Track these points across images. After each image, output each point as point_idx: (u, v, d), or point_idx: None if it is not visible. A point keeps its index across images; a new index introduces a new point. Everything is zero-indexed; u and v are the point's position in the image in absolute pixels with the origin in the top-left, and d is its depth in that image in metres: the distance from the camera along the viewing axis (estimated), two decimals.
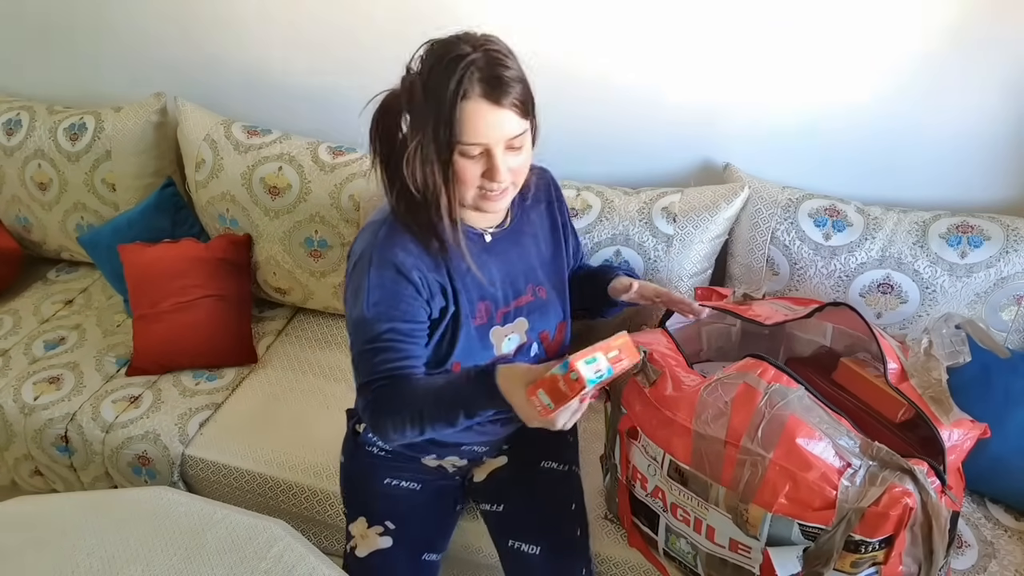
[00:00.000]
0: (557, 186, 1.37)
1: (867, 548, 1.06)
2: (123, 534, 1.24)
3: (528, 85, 1.08)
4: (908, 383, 1.17)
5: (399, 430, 1.15)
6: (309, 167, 1.83)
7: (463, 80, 1.02)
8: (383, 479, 1.38)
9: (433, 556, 1.36)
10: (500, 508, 1.40)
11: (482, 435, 1.36)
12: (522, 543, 1.33)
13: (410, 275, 1.14)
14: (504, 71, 1.04)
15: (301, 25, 1.87)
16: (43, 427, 1.72)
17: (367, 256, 1.15)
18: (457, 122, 1.03)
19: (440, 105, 1.03)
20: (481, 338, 1.24)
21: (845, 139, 1.66)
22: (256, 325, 1.97)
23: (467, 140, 1.05)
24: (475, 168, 1.08)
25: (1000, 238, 1.49)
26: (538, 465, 1.42)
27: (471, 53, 1.03)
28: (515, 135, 1.07)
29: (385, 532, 1.33)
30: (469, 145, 1.05)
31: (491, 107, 1.04)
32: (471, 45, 1.05)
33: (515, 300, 1.27)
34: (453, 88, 1.02)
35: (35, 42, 2.13)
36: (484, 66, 1.03)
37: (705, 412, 1.14)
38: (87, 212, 2.07)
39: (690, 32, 1.62)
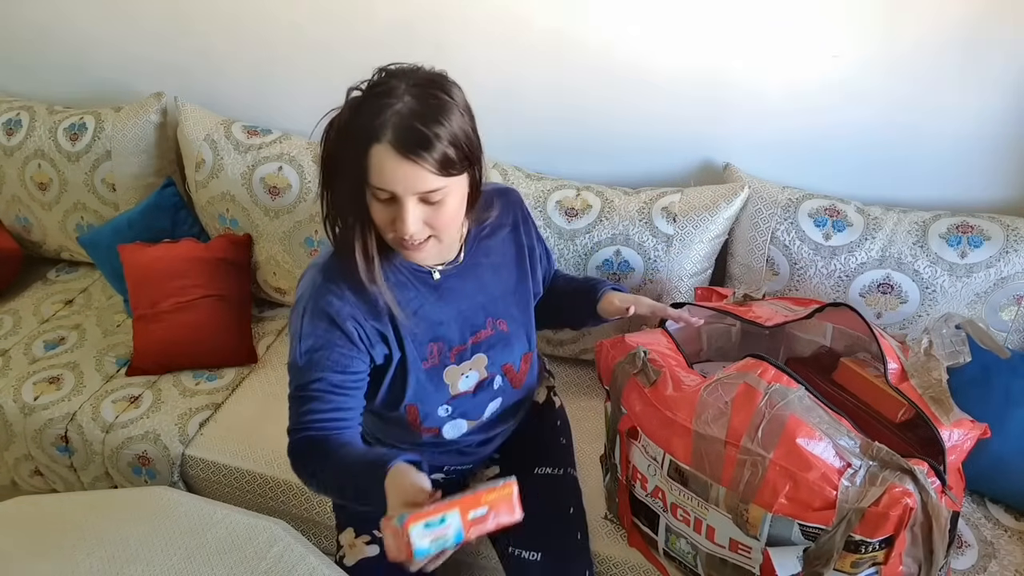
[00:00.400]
0: (523, 208, 1.30)
1: (867, 548, 1.06)
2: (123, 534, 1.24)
3: (459, 143, 1.00)
4: (908, 383, 1.17)
5: (310, 486, 1.16)
6: (309, 167, 1.83)
7: (381, 123, 0.96)
8: None
9: None
10: None
11: (465, 456, 1.36)
12: (522, 550, 1.32)
13: (344, 325, 1.10)
14: (429, 126, 0.97)
15: (301, 25, 1.87)
16: (43, 427, 1.72)
17: (303, 302, 1.11)
18: (368, 163, 0.98)
19: (357, 141, 0.99)
20: (433, 379, 1.21)
21: (845, 139, 1.66)
22: (256, 325, 1.97)
23: (374, 183, 0.99)
24: (386, 213, 1.03)
25: (1000, 238, 1.49)
26: (532, 471, 1.40)
27: (401, 97, 0.98)
28: (428, 190, 1.00)
29: (372, 540, 1.31)
30: (377, 189, 1.00)
31: (399, 159, 0.97)
32: (409, 84, 1.00)
33: (472, 337, 1.23)
34: (369, 127, 0.97)
35: (35, 42, 2.13)
36: (407, 115, 0.97)
37: (705, 412, 1.14)
38: (87, 212, 2.07)
39: (690, 32, 1.62)
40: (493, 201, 1.23)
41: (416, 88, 1.00)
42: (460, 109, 1.02)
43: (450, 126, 0.99)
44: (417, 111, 0.98)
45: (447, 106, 1.00)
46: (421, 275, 1.17)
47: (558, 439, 1.48)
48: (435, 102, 1.00)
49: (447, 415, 1.25)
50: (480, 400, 1.28)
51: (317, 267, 1.14)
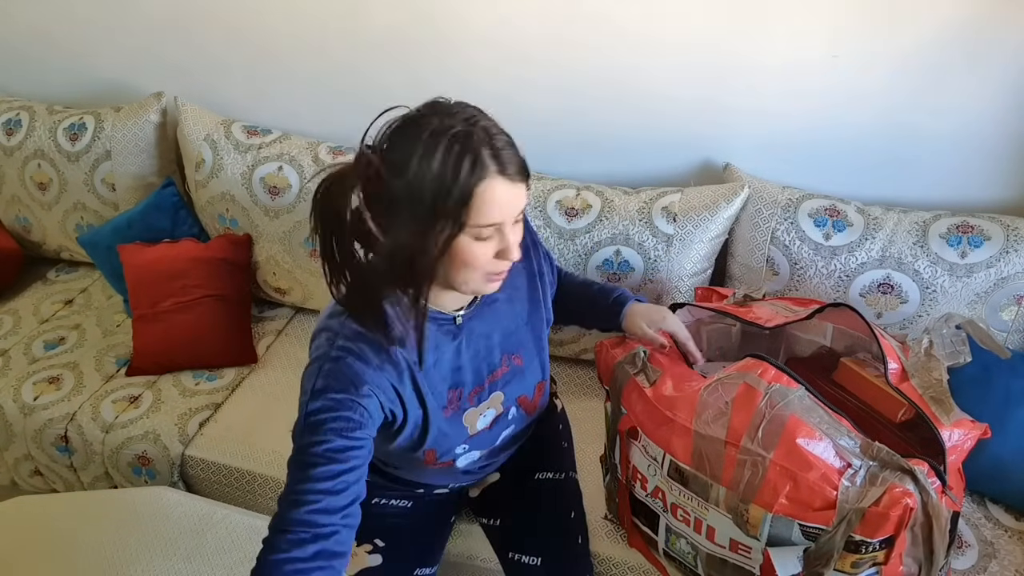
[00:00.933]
0: (531, 230, 1.25)
1: (867, 548, 1.06)
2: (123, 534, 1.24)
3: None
4: (909, 383, 1.17)
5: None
6: (309, 167, 1.83)
7: (477, 159, 0.92)
8: (371, 499, 1.33)
9: (426, 570, 1.33)
10: (497, 522, 1.39)
11: (470, 475, 1.34)
12: (522, 555, 1.31)
13: (362, 392, 1.02)
14: (506, 142, 0.96)
15: (301, 25, 1.87)
16: (43, 427, 1.72)
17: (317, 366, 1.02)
18: (471, 204, 0.93)
19: (447, 188, 0.92)
20: (453, 425, 1.18)
21: (845, 139, 1.66)
22: (256, 325, 1.97)
23: (483, 222, 0.95)
24: (486, 249, 0.99)
25: (1000, 238, 1.49)
26: (532, 477, 1.40)
27: (472, 130, 0.94)
28: (523, 207, 0.99)
29: (374, 550, 1.29)
30: (483, 227, 0.96)
31: (509, 185, 0.95)
32: (462, 120, 0.95)
33: (489, 376, 1.20)
34: (468, 168, 0.92)
35: (35, 42, 2.13)
36: (488, 141, 0.94)
37: (705, 412, 1.14)
38: (87, 212, 2.07)
39: (690, 32, 1.62)
40: None
41: (467, 117, 0.96)
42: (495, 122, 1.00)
43: (508, 136, 0.98)
44: (491, 134, 0.95)
45: (493, 121, 0.99)
46: (443, 323, 1.12)
47: (560, 443, 1.47)
48: (488, 120, 0.97)
49: (463, 451, 1.23)
50: (495, 432, 1.25)
51: (334, 332, 1.04)
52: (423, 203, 0.93)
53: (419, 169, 0.93)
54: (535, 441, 1.42)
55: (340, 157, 1.83)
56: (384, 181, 0.95)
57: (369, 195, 0.97)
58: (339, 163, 1.01)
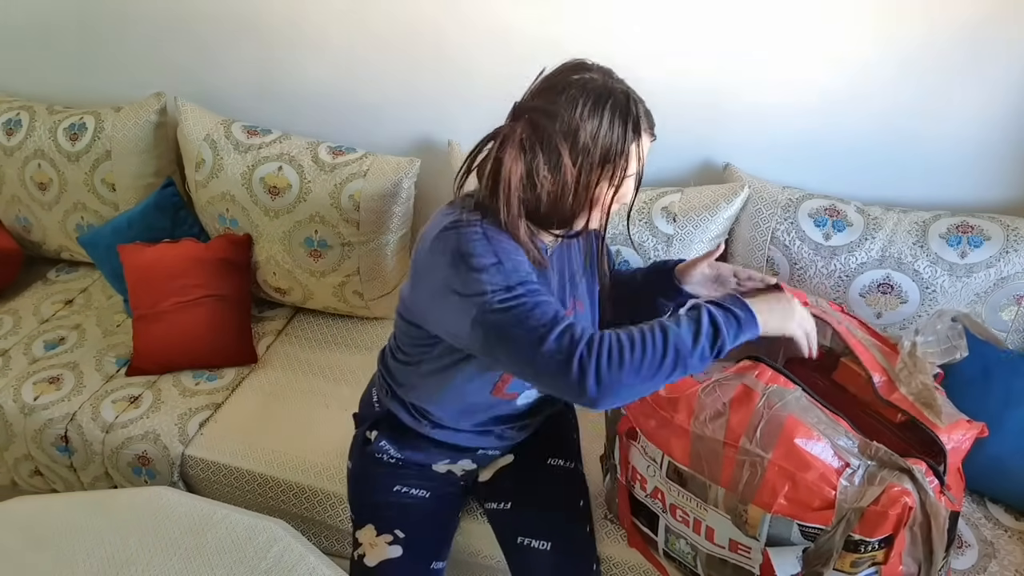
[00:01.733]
0: None
1: (867, 548, 1.06)
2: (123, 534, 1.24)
3: None
4: (898, 393, 1.17)
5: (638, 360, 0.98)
6: (309, 167, 1.83)
7: (639, 120, 1.09)
8: (393, 487, 1.36)
9: (440, 564, 1.35)
10: (507, 506, 1.39)
11: (501, 440, 1.35)
12: (531, 539, 1.32)
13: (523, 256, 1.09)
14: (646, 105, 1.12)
15: (301, 25, 1.87)
16: (43, 427, 1.72)
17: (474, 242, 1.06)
18: (630, 156, 1.09)
19: (614, 144, 1.07)
20: None
21: (846, 139, 1.66)
22: (256, 325, 1.97)
23: (631, 171, 1.11)
24: (611, 193, 1.11)
25: (1000, 238, 1.49)
26: (545, 462, 1.42)
27: (628, 92, 1.10)
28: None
29: (395, 541, 1.31)
30: (630, 176, 1.11)
31: (649, 140, 1.13)
32: (616, 81, 1.10)
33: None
34: (632, 128, 1.08)
35: (35, 42, 2.13)
36: (641, 103, 1.11)
37: (703, 413, 1.14)
38: (87, 212, 2.07)
39: (691, 32, 1.62)
40: None
41: (619, 80, 1.11)
42: None
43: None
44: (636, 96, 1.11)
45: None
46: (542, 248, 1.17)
47: (570, 434, 1.49)
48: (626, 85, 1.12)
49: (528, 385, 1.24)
50: None
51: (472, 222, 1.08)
52: (591, 157, 1.06)
53: (591, 129, 1.06)
54: (549, 429, 1.43)
55: (340, 157, 1.83)
56: (552, 134, 1.06)
57: (534, 146, 1.07)
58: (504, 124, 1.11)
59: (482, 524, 1.45)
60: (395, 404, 1.33)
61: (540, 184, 1.07)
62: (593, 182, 1.08)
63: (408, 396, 1.31)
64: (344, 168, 1.82)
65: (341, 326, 1.99)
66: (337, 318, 2.01)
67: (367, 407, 1.42)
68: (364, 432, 1.40)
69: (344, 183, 1.80)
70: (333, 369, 1.85)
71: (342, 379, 1.82)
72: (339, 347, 1.92)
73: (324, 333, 1.97)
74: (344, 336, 1.96)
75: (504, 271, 1.03)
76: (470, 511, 1.48)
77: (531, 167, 1.07)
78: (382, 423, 1.37)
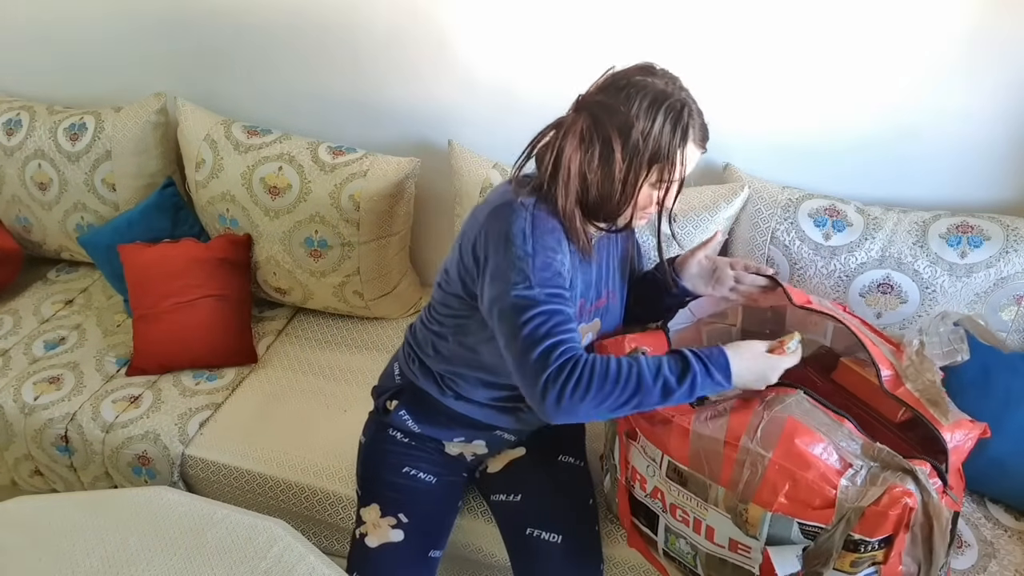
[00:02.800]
0: None
1: (866, 548, 1.06)
2: (123, 534, 1.24)
3: None
4: (904, 388, 1.17)
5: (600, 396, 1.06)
6: (309, 167, 1.83)
7: (689, 127, 1.12)
8: (402, 467, 1.38)
9: (437, 553, 1.37)
10: (517, 498, 1.40)
11: (518, 423, 1.37)
12: (542, 531, 1.33)
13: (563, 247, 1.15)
14: (701, 111, 1.15)
15: (301, 25, 1.87)
16: (43, 427, 1.72)
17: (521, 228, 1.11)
18: (676, 161, 1.12)
19: (665, 144, 1.11)
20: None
21: (845, 139, 1.66)
22: (256, 325, 1.97)
23: (676, 177, 1.14)
24: (654, 195, 1.16)
25: (1000, 238, 1.49)
26: (556, 458, 1.43)
27: (687, 100, 1.12)
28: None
29: (398, 525, 1.33)
30: (674, 182, 1.14)
31: (698, 150, 1.16)
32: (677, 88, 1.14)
33: (596, 301, 1.29)
34: (680, 135, 1.11)
35: (35, 42, 2.13)
36: (696, 115, 1.13)
37: (703, 412, 1.14)
38: (87, 212, 2.07)
39: (691, 32, 1.62)
40: None
41: (680, 87, 1.14)
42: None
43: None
44: (693, 104, 1.14)
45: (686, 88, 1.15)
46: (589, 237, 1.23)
47: (580, 433, 1.51)
48: (687, 92, 1.15)
49: None
50: None
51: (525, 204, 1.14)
52: (640, 156, 1.10)
53: (643, 128, 1.10)
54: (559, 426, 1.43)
55: (340, 157, 1.83)
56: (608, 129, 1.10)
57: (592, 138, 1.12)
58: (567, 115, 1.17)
59: (483, 521, 1.45)
60: (422, 373, 1.36)
61: (593, 175, 1.13)
62: (640, 181, 1.12)
63: (437, 365, 1.33)
64: (344, 168, 1.82)
65: (341, 326, 1.99)
66: (337, 318, 2.01)
67: (387, 379, 1.44)
68: (384, 403, 1.41)
69: (344, 183, 1.80)
70: (333, 369, 1.85)
71: (342, 379, 1.82)
72: (339, 347, 1.92)
73: (324, 333, 1.97)
74: (344, 336, 1.96)
75: (534, 267, 1.10)
76: (471, 508, 1.48)
77: (587, 158, 1.12)
78: (404, 393, 1.39)
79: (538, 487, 1.40)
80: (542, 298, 1.09)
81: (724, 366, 1.09)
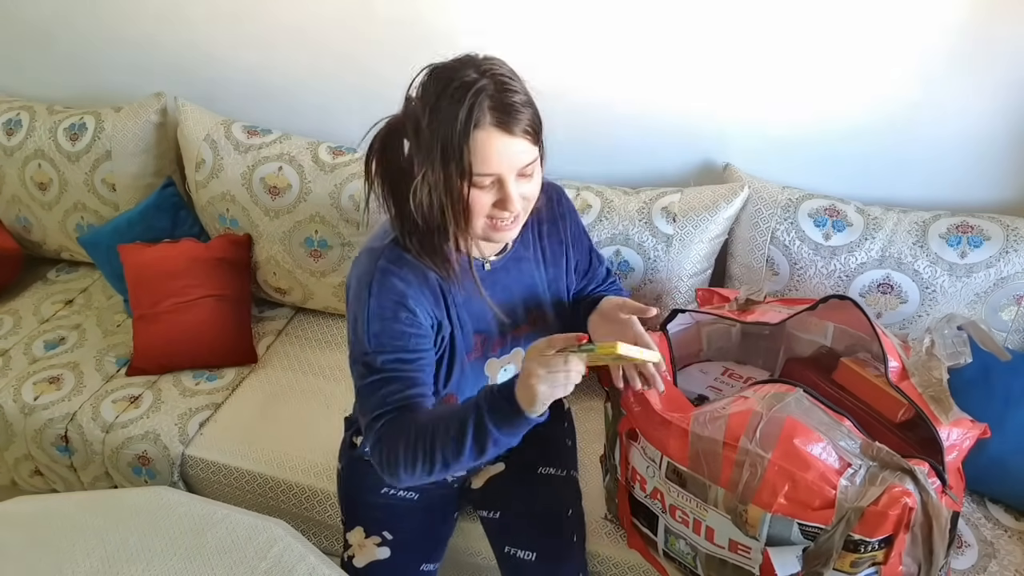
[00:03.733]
0: (563, 201, 1.28)
1: (866, 548, 1.06)
2: (123, 534, 1.24)
3: (536, 109, 1.03)
4: (909, 382, 1.17)
5: (410, 464, 1.05)
6: (309, 167, 1.83)
7: (473, 109, 0.96)
8: (380, 489, 1.37)
9: (431, 566, 1.35)
10: (497, 515, 1.39)
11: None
12: (518, 549, 1.32)
13: (410, 306, 1.09)
14: (513, 97, 0.99)
15: (302, 25, 1.87)
16: (43, 427, 1.72)
17: (365, 285, 1.09)
18: (469, 152, 0.98)
19: (450, 135, 0.98)
20: (475, 370, 1.21)
21: (845, 139, 1.66)
22: (256, 325, 1.97)
23: (479, 171, 0.99)
24: (486, 198, 1.03)
25: (1000, 238, 1.49)
26: (536, 471, 1.41)
27: (479, 80, 0.98)
28: (527, 163, 1.02)
29: (383, 543, 1.32)
30: (481, 176, 1.00)
31: (502, 136, 0.99)
32: (476, 70, 0.99)
33: (513, 330, 1.23)
34: (464, 118, 0.97)
35: (35, 42, 2.13)
36: (494, 93, 0.98)
37: (703, 414, 1.14)
38: (87, 212, 2.07)
39: (691, 32, 1.62)
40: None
41: (483, 68, 1.00)
42: (518, 77, 1.04)
43: (525, 92, 1.02)
44: (501, 85, 0.99)
45: (513, 75, 1.03)
46: (475, 265, 1.16)
47: (564, 440, 1.48)
48: (503, 76, 1.01)
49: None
50: None
51: (375, 251, 1.11)
52: (435, 150, 0.99)
53: (432, 117, 0.99)
54: (542, 436, 1.42)
55: (340, 157, 1.83)
56: (416, 129, 1.01)
57: (410, 142, 1.05)
58: (391, 116, 1.08)
59: (479, 523, 1.45)
60: None
61: (411, 193, 1.03)
62: (443, 181, 1.00)
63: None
64: (344, 168, 1.82)
65: (341, 326, 1.99)
66: (337, 318, 2.00)
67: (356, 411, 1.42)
68: (351, 437, 1.42)
69: (344, 183, 1.80)
70: (333, 369, 1.85)
71: (342, 379, 1.82)
72: (339, 347, 1.92)
73: (324, 333, 1.97)
74: (344, 336, 1.95)
75: (369, 332, 1.08)
76: (469, 510, 1.48)
77: (396, 176, 1.07)
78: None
79: (516, 503, 1.38)
80: (376, 365, 1.08)
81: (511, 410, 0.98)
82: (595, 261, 1.36)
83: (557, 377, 0.93)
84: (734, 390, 1.17)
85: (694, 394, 1.39)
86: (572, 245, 1.29)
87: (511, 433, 1.01)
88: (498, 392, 1.00)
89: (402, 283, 1.09)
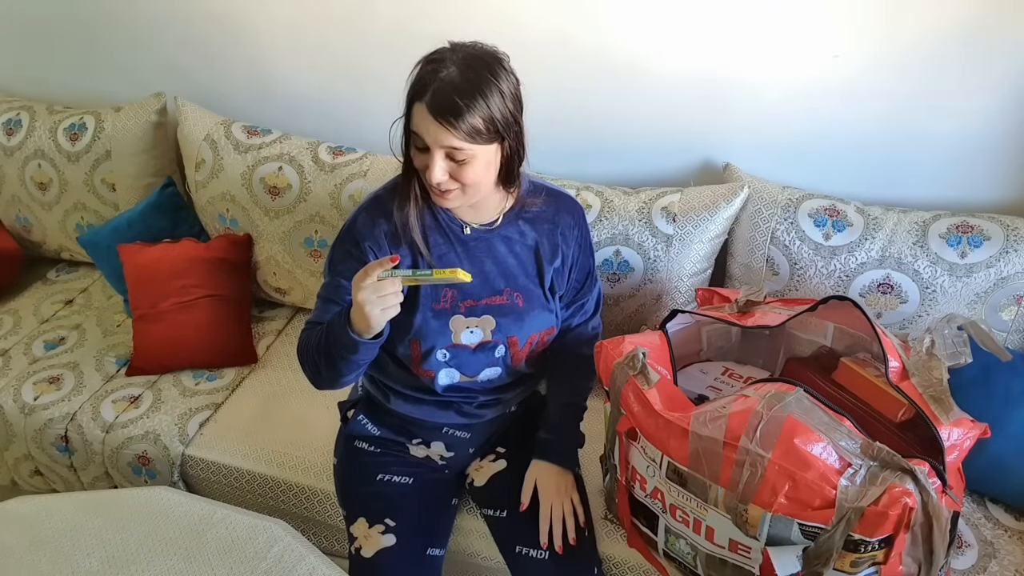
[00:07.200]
0: (576, 224, 1.36)
1: (867, 548, 1.06)
2: (123, 534, 1.24)
3: (491, 119, 1.11)
4: (909, 381, 1.17)
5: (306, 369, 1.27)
6: (309, 167, 1.83)
7: (425, 85, 1.10)
8: (375, 476, 1.40)
9: (436, 551, 1.37)
10: (503, 514, 1.39)
11: (462, 417, 1.39)
12: (530, 549, 1.33)
13: (361, 244, 1.25)
14: (462, 98, 1.08)
15: (302, 25, 1.87)
16: (43, 427, 1.72)
17: (349, 219, 1.28)
18: (411, 115, 1.13)
19: (409, 96, 1.13)
20: (439, 321, 1.29)
21: (845, 139, 1.66)
22: (256, 325, 1.97)
23: (413, 130, 1.14)
24: (421, 160, 1.16)
25: (1000, 238, 1.49)
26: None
27: (448, 67, 1.09)
28: (453, 147, 1.11)
29: (387, 530, 1.33)
30: (416, 135, 1.14)
31: (427, 115, 1.10)
32: (459, 59, 1.11)
33: (487, 298, 1.30)
34: (417, 87, 1.11)
35: (35, 42, 2.13)
36: (446, 83, 1.09)
37: (703, 413, 1.14)
38: (87, 212, 2.07)
39: (690, 32, 1.62)
40: (543, 193, 1.34)
41: (464, 61, 1.11)
42: (500, 89, 1.12)
43: (484, 102, 1.10)
44: (456, 82, 1.09)
45: (486, 84, 1.10)
46: (454, 227, 1.28)
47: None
48: (474, 77, 1.10)
49: (444, 360, 1.31)
50: (478, 359, 1.33)
51: (369, 197, 1.30)
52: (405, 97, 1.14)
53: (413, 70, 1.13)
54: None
55: (340, 157, 1.83)
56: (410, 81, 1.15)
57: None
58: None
59: (481, 524, 1.44)
60: (369, 381, 1.45)
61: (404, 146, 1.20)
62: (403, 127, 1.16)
63: (372, 371, 1.41)
64: (344, 168, 1.82)
65: None
66: None
67: (352, 393, 1.52)
68: (346, 413, 1.48)
69: (344, 183, 1.80)
70: None
71: None
72: None
73: None
74: None
75: (330, 258, 1.30)
76: (469, 511, 1.48)
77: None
78: (361, 403, 1.46)
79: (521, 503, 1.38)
80: (324, 286, 1.29)
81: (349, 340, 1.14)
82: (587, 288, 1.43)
83: (387, 299, 1.08)
84: (734, 390, 1.16)
85: (694, 394, 1.39)
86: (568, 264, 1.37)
87: (355, 357, 1.17)
88: (337, 321, 1.17)
89: (366, 224, 1.26)
